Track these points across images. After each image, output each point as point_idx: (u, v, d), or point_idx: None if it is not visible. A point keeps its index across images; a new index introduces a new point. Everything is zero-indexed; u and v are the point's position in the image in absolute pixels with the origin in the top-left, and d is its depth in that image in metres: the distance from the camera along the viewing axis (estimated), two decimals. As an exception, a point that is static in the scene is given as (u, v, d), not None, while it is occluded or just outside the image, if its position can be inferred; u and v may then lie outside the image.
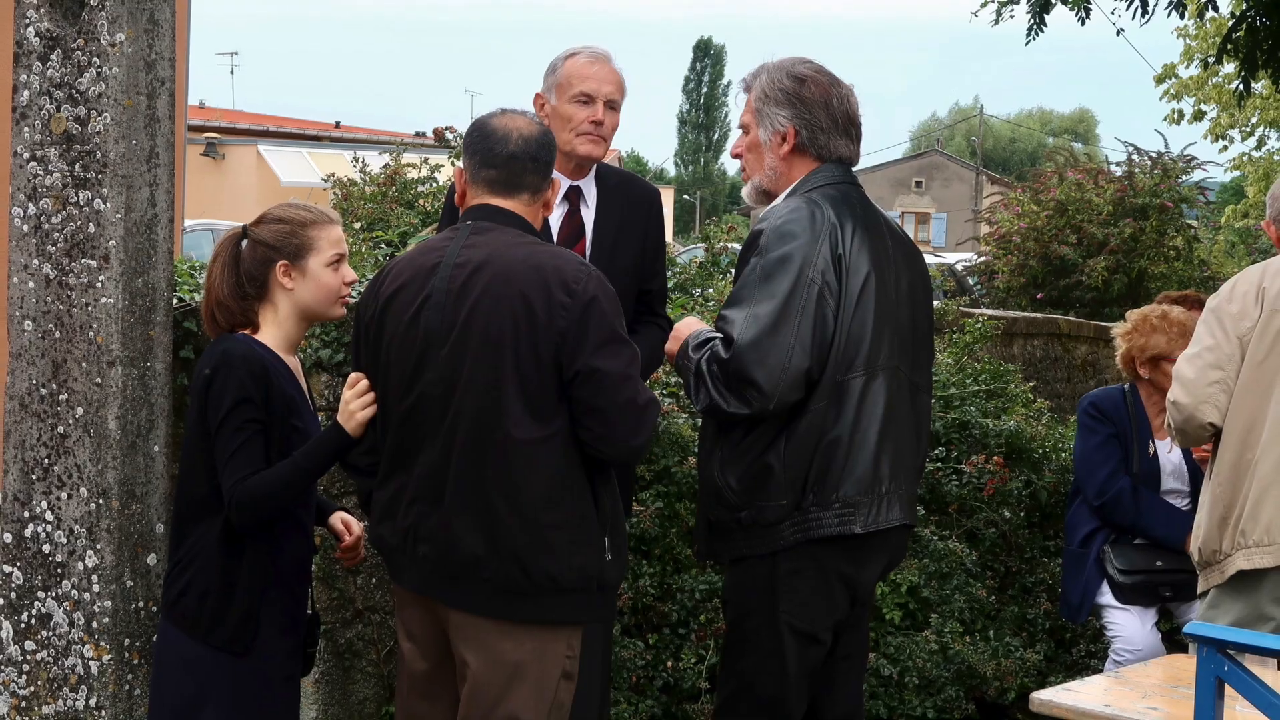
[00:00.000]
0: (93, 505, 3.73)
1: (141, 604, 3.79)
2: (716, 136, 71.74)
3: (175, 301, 4.04)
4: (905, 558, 4.83)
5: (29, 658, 3.81)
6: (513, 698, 3.28)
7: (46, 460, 3.77)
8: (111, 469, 3.73)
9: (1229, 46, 8.04)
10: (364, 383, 3.41)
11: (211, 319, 3.53)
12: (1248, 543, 4.21)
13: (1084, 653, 5.84)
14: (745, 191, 3.92)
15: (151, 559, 3.81)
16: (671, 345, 3.75)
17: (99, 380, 3.72)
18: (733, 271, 4.64)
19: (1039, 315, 11.22)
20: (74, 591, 3.75)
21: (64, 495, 3.75)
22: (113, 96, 3.71)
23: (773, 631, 3.63)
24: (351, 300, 3.64)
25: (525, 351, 3.23)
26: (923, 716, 5.07)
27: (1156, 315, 5.31)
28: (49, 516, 3.77)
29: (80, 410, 3.73)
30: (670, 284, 5.67)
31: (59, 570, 3.76)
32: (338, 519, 3.70)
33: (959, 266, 19.72)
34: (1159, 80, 20.96)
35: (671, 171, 70.39)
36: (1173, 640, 5.26)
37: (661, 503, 4.87)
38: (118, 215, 3.72)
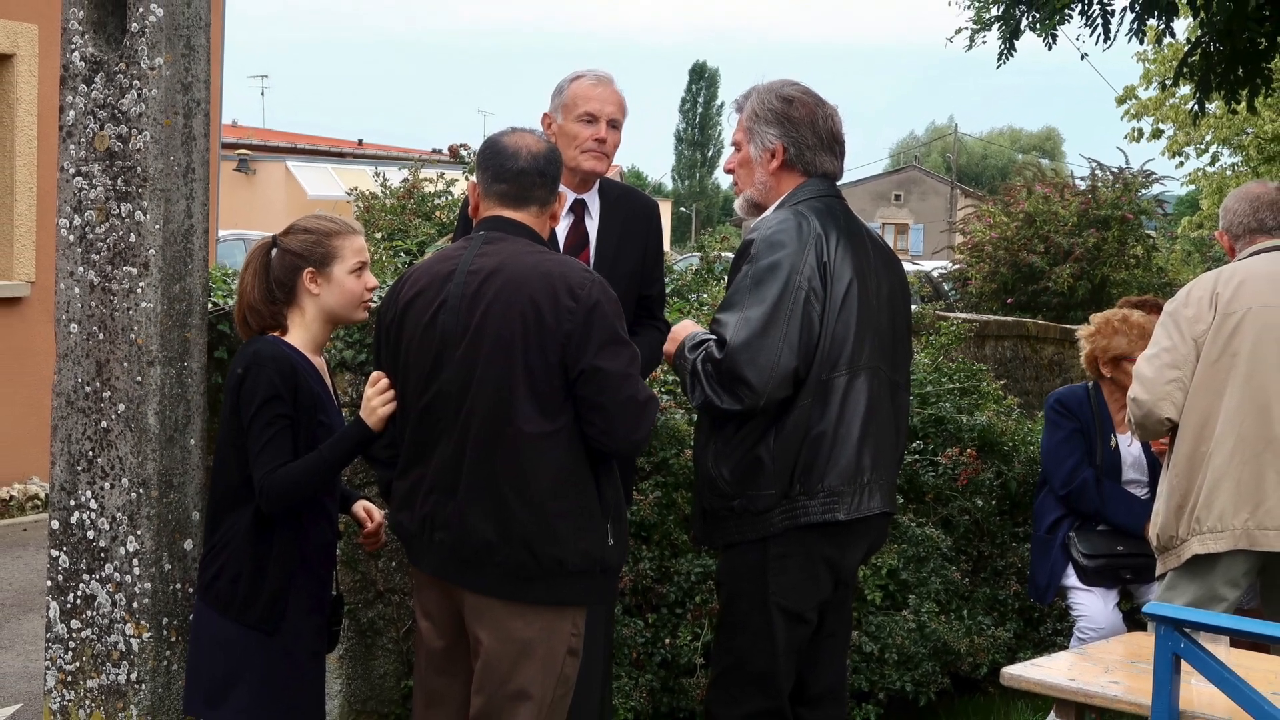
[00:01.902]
0: (133, 494, 3.73)
1: (179, 586, 3.79)
2: (711, 153, 71.71)
3: (210, 306, 4.04)
4: (885, 543, 4.82)
5: (74, 635, 3.80)
6: (522, 673, 3.28)
7: (91, 453, 3.77)
8: (151, 461, 3.72)
9: (1185, 70, 8.02)
10: (385, 381, 3.41)
11: (243, 322, 3.53)
12: (1202, 529, 4.21)
13: (1051, 631, 5.84)
14: (737, 204, 3.91)
15: (188, 544, 3.81)
16: (669, 346, 3.75)
17: (139, 379, 3.72)
18: (726, 278, 4.64)
19: (1009, 319, 11.22)
20: (116, 574, 3.75)
21: (107, 485, 3.75)
22: (152, 116, 3.71)
23: (763, 611, 3.63)
24: (373, 305, 3.63)
25: (533, 352, 3.22)
26: (902, 690, 5.06)
27: (1118, 318, 5.30)
28: (93, 505, 3.77)
29: (122, 406, 3.73)
30: (668, 289, 5.66)
31: (102, 554, 3.76)
32: (360, 507, 3.70)
33: (935, 273, 19.73)
34: (1120, 101, 20.99)
35: (669, 185, 70.35)
36: (1133, 619, 5.26)
37: (660, 492, 4.86)
38: (157, 226, 3.72)
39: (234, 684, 3.38)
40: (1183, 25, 11.35)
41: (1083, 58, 8.63)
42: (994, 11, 7.87)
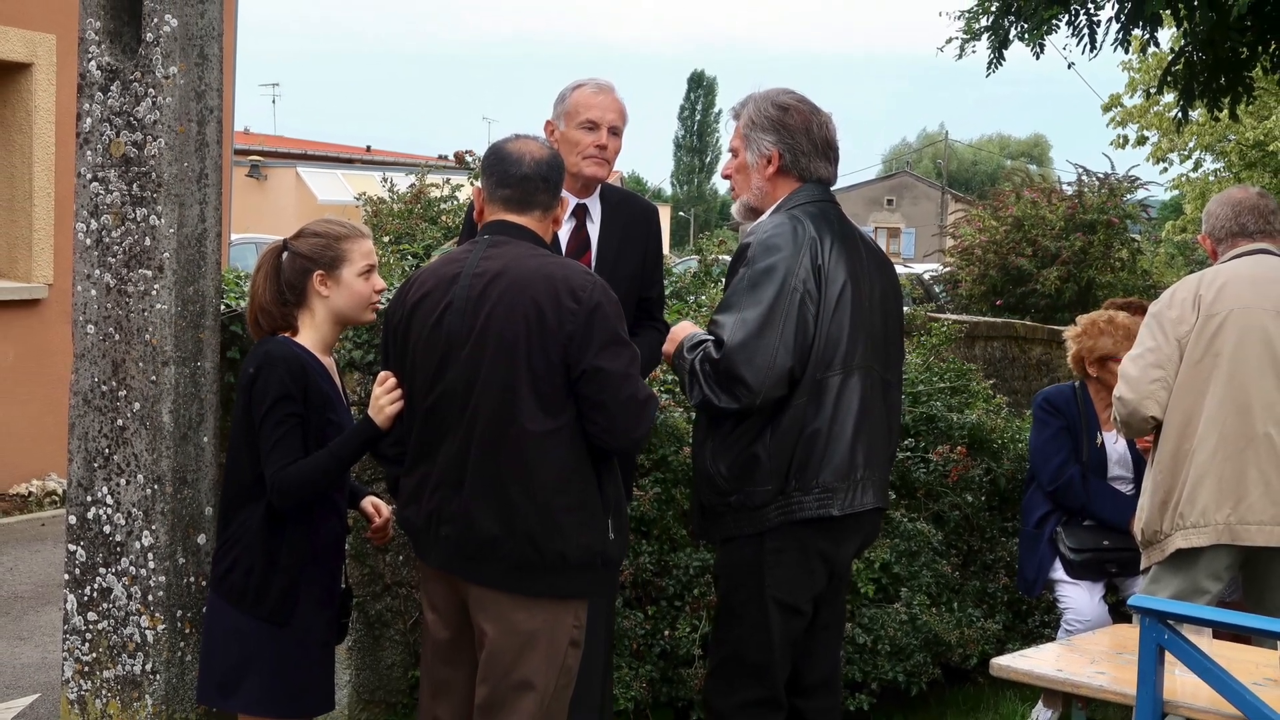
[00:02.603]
0: (148, 490, 3.73)
1: (192, 579, 3.79)
2: (708, 159, 71.68)
3: (223, 307, 4.04)
4: (878, 537, 4.82)
5: (91, 627, 3.80)
6: (526, 663, 3.28)
7: (107, 450, 3.77)
8: (165, 458, 3.72)
9: (1169, 78, 8.03)
10: (392, 380, 3.41)
11: (255, 323, 3.53)
12: (1185, 524, 4.21)
13: (1039, 623, 5.84)
14: (734, 209, 3.91)
15: (201, 539, 3.81)
16: (668, 347, 3.75)
17: (154, 378, 3.72)
18: (723, 280, 4.64)
19: (998, 320, 11.22)
20: (132, 568, 3.75)
21: (123, 481, 3.75)
22: (166, 123, 3.71)
23: (759, 604, 3.63)
24: (381, 306, 3.63)
25: (537, 352, 3.22)
26: (894, 680, 5.07)
27: (1104, 320, 5.30)
28: (109, 500, 3.77)
29: (137, 405, 3.73)
30: (667, 291, 5.66)
31: (118, 549, 3.76)
32: (369, 503, 3.70)
33: (926, 276, 19.71)
34: (1106, 108, 20.99)
35: (668, 190, 70.34)
36: (1118, 612, 5.26)
37: (659, 488, 4.86)
38: (171, 230, 3.72)
39: (246, 674, 3.38)
40: (1166, 35, 11.36)
41: (1070, 67, 8.65)
42: (983, 22, 7.88)
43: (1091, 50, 7.55)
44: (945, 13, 8.40)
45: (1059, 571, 5.19)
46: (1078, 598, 5.13)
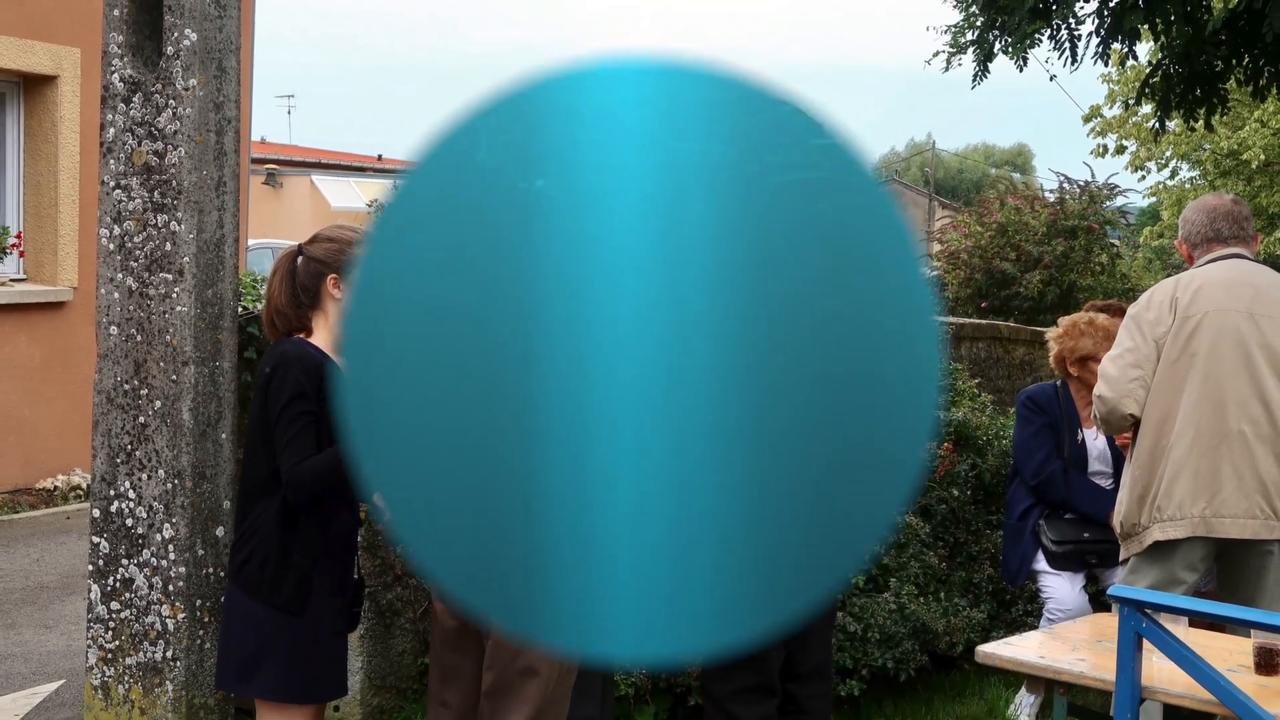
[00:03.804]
0: (169, 485, 3.73)
1: (211, 570, 3.79)
2: (706, 168, 71.56)
3: (240, 310, 4.04)
4: (868, 530, 4.81)
5: (114, 616, 3.80)
6: (531, 650, 3.28)
7: (129, 446, 3.77)
8: (185, 454, 3.72)
9: (1147, 90, 8.03)
10: (402, 379, 3.41)
11: (271, 324, 3.53)
12: (1163, 517, 4.21)
13: (1022, 612, 5.84)
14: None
15: (219, 531, 3.81)
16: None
17: (174, 377, 3.72)
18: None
19: (983, 321, 11.21)
20: (153, 559, 3.75)
21: (144, 476, 3.75)
22: (186, 133, 3.71)
23: (754, 593, 3.62)
24: (392, 308, 3.63)
25: (541, 353, 3.22)
26: (883, 667, 5.06)
27: (1084, 321, 5.30)
28: (131, 495, 3.77)
29: (158, 403, 3.73)
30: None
31: (140, 541, 3.76)
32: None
33: (914, 279, 19.68)
34: (1087, 119, 21.00)
35: (667, 198, 70.17)
36: (1098, 601, 5.25)
37: (658, 483, 4.86)
38: (190, 236, 3.72)
39: (262, 661, 3.37)
40: (1144, 49, 11.36)
41: (1052, 79, 8.66)
42: (969, 36, 7.89)
43: (1073, 63, 7.56)
44: (932, 27, 8.43)
45: (1041, 563, 5.19)
46: (1059, 588, 5.13)
